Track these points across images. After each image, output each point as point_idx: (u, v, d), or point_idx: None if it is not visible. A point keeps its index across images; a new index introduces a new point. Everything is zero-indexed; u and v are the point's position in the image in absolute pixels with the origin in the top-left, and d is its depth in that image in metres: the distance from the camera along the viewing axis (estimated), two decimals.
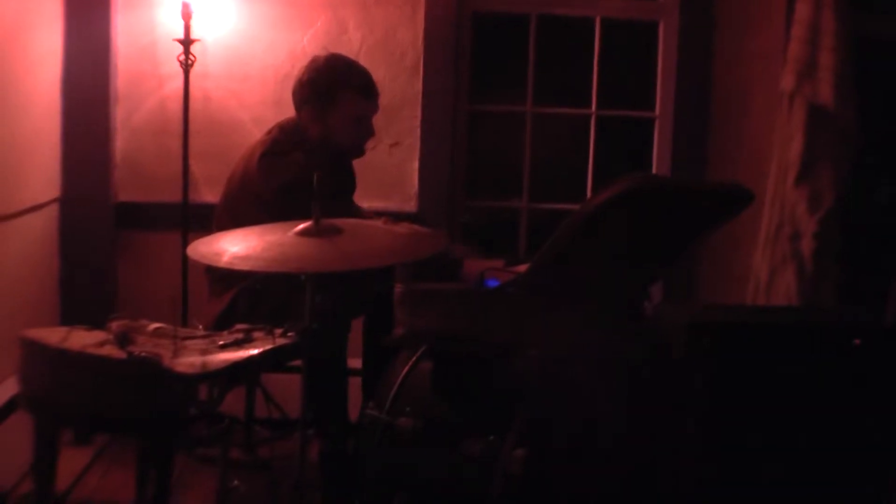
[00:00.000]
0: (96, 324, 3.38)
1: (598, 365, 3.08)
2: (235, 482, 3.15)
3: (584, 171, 5.11)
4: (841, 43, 4.31)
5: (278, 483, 4.04)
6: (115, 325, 3.28)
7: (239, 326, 3.38)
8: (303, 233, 3.07)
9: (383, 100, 4.09)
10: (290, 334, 3.27)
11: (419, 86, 4.86)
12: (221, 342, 3.24)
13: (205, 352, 3.17)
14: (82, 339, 3.23)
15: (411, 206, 4.88)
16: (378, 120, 4.11)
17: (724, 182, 4.43)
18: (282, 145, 3.92)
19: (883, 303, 3.75)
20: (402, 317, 3.24)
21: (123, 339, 3.18)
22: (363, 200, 4.39)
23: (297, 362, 3.18)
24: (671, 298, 4.86)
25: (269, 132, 4.03)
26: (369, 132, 4.06)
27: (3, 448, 3.81)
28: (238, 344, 3.24)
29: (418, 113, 4.87)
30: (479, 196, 5.11)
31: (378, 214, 4.00)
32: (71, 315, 4.39)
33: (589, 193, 5.09)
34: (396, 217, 4.24)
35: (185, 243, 4.40)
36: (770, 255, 4.51)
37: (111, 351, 3.13)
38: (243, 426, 4.28)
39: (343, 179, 4.20)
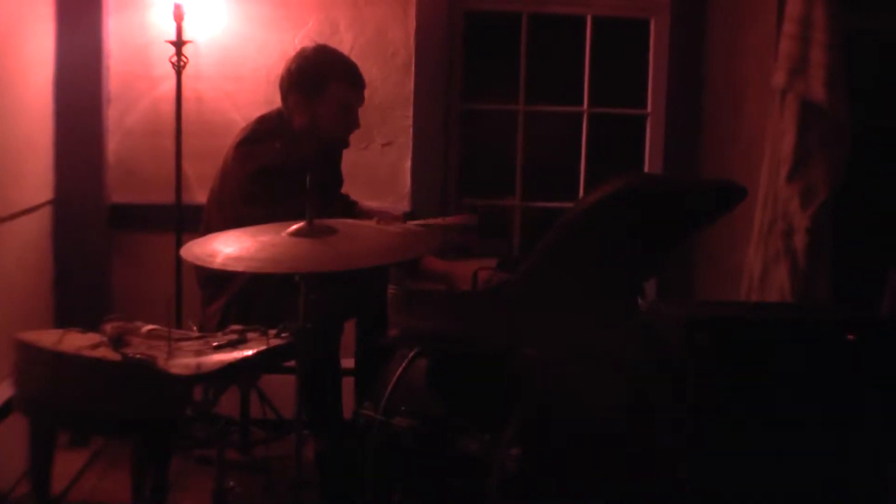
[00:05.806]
0: (91, 326, 3.38)
1: (593, 363, 3.09)
2: (231, 483, 3.14)
3: (576, 168, 5.10)
4: (832, 38, 4.32)
5: (275, 483, 4.05)
6: (109, 326, 3.29)
7: (233, 327, 3.39)
8: (296, 233, 3.07)
9: (376, 99, 4.09)
10: (284, 335, 3.27)
11: (411, 85, 4.85)
12: (215, 343, 3.24)
13: (199, 353, 3.17)
14: (77, 342, 3.23)
15: (404, 205, 4.86)
16: (370, 119, 4.11)
17: (717, 178, 4.44)
18: (258, 133, 3.94)
19: (876, 297, 3.77)
20: (395, 318, 3.25)
21: (118, 341, 3.19)
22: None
23: (292, 363, 3.19)
24: (666, 295, 4.87)
25: (249, 124, 4.04)
26: (355, 123, 4.06)
27: None
28: (232, 345, 3.24)
29: (410, 112, 4.85)
30: (472, 194, 5.11)
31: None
32: (65, 317, 4.38)
33: (582, 191, 5.08)
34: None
35: (179, 244, 4.39)
36: (763, 251, 4.52)
37: (106, 353, 3.13)
38: (239, 427, 4.28)
39: (327, 174, 4.19)
